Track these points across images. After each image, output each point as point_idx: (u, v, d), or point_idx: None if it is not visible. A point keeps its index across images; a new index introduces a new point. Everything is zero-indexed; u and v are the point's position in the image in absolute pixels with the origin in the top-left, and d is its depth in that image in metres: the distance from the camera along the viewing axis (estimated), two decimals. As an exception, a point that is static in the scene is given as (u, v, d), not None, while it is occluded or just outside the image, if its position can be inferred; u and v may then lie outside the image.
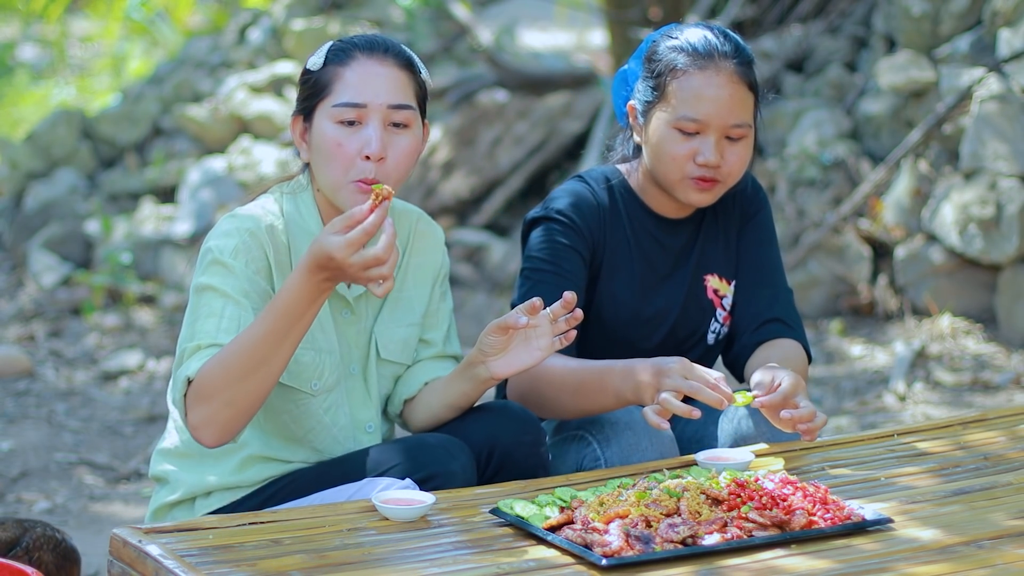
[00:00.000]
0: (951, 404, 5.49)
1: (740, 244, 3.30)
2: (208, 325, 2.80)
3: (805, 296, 6.46)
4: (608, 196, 3.23)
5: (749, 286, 3.28)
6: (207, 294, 2.83)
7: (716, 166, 3.10)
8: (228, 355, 2.73)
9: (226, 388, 2.72)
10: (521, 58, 8.93)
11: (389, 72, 2.90)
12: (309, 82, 2.92)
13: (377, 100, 2.87)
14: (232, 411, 2.75)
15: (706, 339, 3.28)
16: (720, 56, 3.09)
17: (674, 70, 3.10)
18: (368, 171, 2.86)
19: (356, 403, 3.01)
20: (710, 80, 3.08)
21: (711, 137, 3.09)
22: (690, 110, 3.08)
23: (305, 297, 2.70)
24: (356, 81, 2.88)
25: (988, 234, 6.04)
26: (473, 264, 7.48)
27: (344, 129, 2.87)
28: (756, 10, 7.82)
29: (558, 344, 2.88)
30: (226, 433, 2.77)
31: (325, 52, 2.93)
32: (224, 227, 2.89)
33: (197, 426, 2.75)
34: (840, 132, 6.95)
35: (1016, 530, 2.54)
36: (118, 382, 6.45)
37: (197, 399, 2.74)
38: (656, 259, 3.24)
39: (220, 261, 2.84)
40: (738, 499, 2.57)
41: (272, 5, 9.43)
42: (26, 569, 2.70)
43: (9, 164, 8.80)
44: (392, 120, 2.89)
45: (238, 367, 2.72)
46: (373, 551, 2.50)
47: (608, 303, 3.22)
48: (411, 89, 2.92)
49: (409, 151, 2.91)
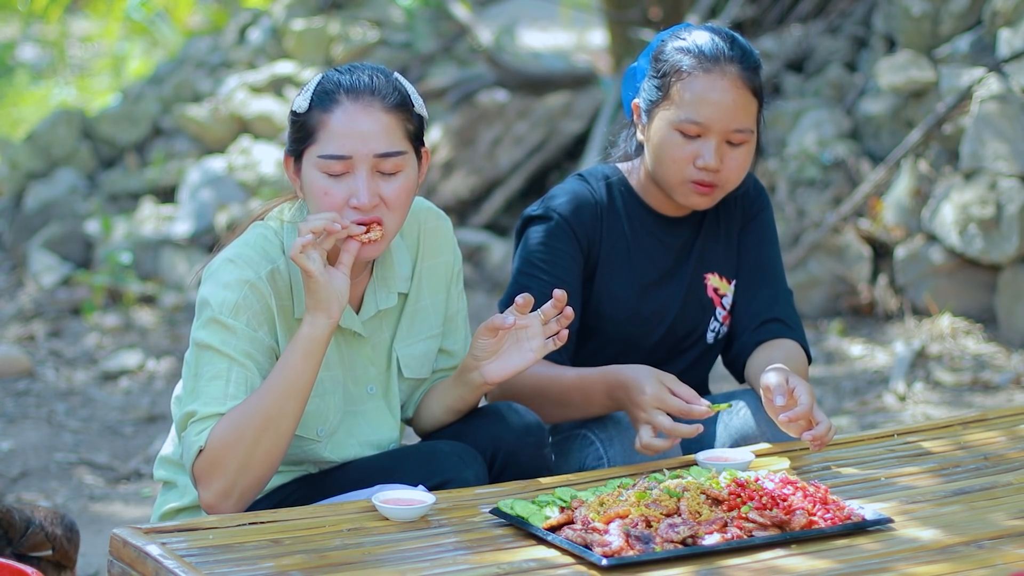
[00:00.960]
0: (951, 404, 5.49)
1: (741, 244, 3.30)
2: (214, 389, 2.74)
3: (805, 296, 6.46)
4: (607, 194, 3.23)
5: (749, 286, 3.28)
6: (209, 354, 2.76)
7: (716, 170, 3.09)
8: (238, 418, 2.70)
9: (239, 455, 2.70)
10: (521, 58, 8.93)
11: (375, 118, 2.77)
12: (296, 124, 2.83)
13: (363, 150, 2.77)
14: (247, 479, 2.72)
15: (705, 338, 3.28)
16: (726, 60, 3.09)
17: (679, 71, 3.09)
18: (358, 216, 2.78)
19: (379, 423, 2.97)
20: (714, 84, 3.08)
21: (712, 141, 3.08)
22: (693, 113, 3.08)
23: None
24: (341, 131, 2.76)
25: (988, 234, 6.04)
26: (473, 264, 7.48)
27: (330, 179, 2.78)
28: (756, 10, 7.82)
29: (551, 345, 2.86)
30: (243, 499, 2.74)
31: (310, 94, 2.81)
32: (224, 277, 2.80)
33: (212, 502, 2.72)
34: (840, 132, 6.95)
35: (1016, 530, 2.54)
36: (118, 382, 6.45)
37: (211, 469, 2.71)
38: (656, 257, 3.24)
39: (220, 321, 2.76)
40: (738, 499, 2.57)
41: (272, 5, 9.43)
42: (26, 569, 2.70)
43: (9, 164, 8.80)
44: (380, 168, 2.79)
45: (250, 430, 2.70)
46: (373, 551, 2.50)
47: (607, 301, 3.22)
48: (400, 132, 2.80)
49: (404, 191, 2.81)
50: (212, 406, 2.73)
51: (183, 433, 2.76)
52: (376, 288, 2.95)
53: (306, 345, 2.72)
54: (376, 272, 2.95)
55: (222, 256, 2.84)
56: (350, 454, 2.93)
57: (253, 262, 2.82)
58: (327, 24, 8.86)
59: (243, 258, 2.82)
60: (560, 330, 2.86)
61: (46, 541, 3.50)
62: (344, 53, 8.67)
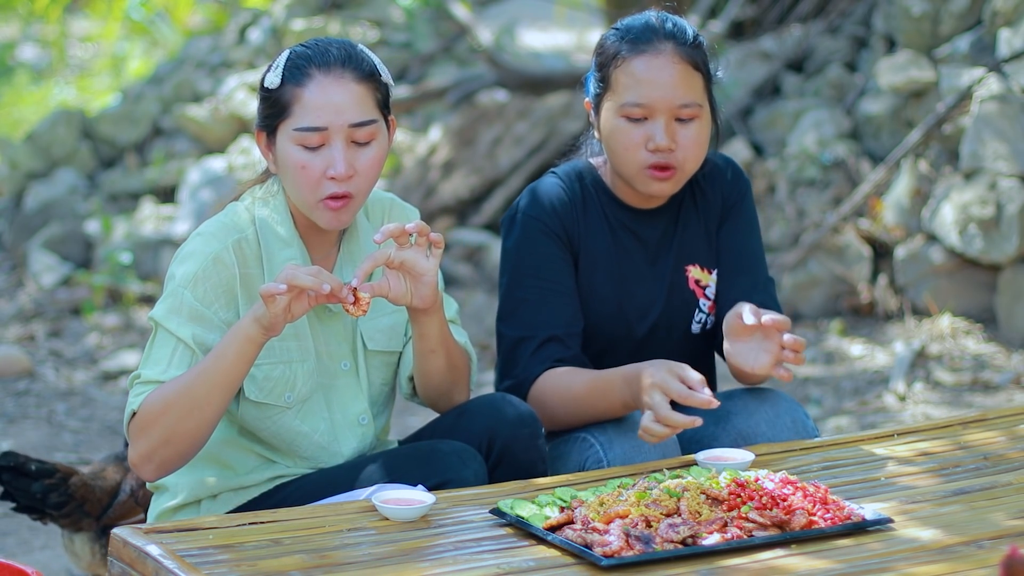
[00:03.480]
0: (951, 404, 5.49)
1: (721, 232, 3.28)
2: (159, 357, 2.84)
3: (805, 296, 6.46)
4: (581, 190, 3.23)
5: (728, 273, 3.26)
6: (161, 331, 2.86)
7: (669, 149, 3.07)
8: (169, 393, 2.78)
9: (163, 428, 2.77)
10: (521, 58, 8.93)
11: (347, 89, 2.85)
12: (268, 100, 2.90)
13: (338, 121, 2.85)
14: (170, 449, 2.80)
15: (690, 329, 3.27)
16: (659, 38, 3.08)
17: (615, 58, 3.10)
18: (335, 188, 2.86)
19: (349, 398, 3.01)
20: (650, 62, 3.07)
21: (660, 120, 3.07)
22: (633, 95, 3.07)
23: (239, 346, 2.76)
24: (315, 104, 2.84)
25: (988, 234, 6.04)
26: (473, 264, 7.48)
27: (307, 152, 2.86)
28: (756, 10, 7.82)
29: (436, 255, 2.82)
30: (163, 469, 2.83)
31: (281, 70, 2.88)
32: (190, 247, 2.90)
33: (135, 461, 2.82)
34: (840, 132, 6.95)
35: (1016, 530, 2.54)
36: (118, 382, 6.45)
37: (138, 433, 2.80)
38: (634, 252, 3.23)
39: (176, 293, 2.86)
40: (738, 499, 2.57)
41: (272, 5, 9.43)
42: (26, 569, 2.69)
43: (9, 164, 8.80)
44: (354, 138, 2.87)
45: (176, 407, 2.76)
46: (373, 551, 2.50)
47: (590, 298, 3.21)
48: (371, 101, 2.89)
49: (376, 160, 2.90)
50: (153, 372, 2.82)
51: (128, 393, 2.85)
52: (343, 264, 3.00)
53: (243, 345, 2.77)
54: (343, 248, 3.01)
55: (193, 233, 2.94)
56: (320, 427, 2.97)
57: (218, 235, 2.90)
58: (327, 24, 8.86)
59: (209, 231, 2.92)
60: (437, 238, 2.83)
61: (136, 507, 3.51)
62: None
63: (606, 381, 3.02)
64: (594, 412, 3.06)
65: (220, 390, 2.77)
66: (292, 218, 2.96)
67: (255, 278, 2.91)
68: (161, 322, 2.85)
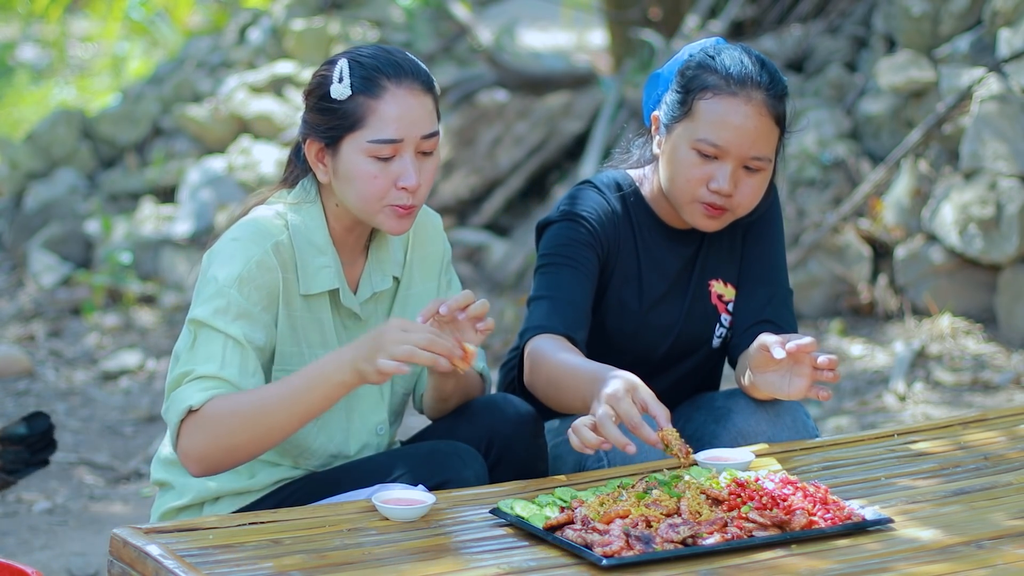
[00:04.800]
0: (951, 404, 5.49)
1: (744, 243, 3.27)
2: (211, 354, 2.79)
3: (805, 296, 6.46)
4: (620, 203, 3.20)
5: (747, 283, 3.25)
6: (205, 332, 2.81)
7: (728, 195, 3.05)
8: (245, 407, 2.74)
9: (232, 435, 2.74)
10: (521, 58, 8.93)
11: (419, 101, 2.85)
12: (336, 112, 2.85)
13: (412, 133, 2.84)
14: (229, 458, 2.78)
15: (712, 344, 3.27)
16: (753, 85, 3.04)
17: (704, 90, 3.05)
18: (404, 198, 2.86)
19: (369, 407, 3.00)
20: (738, 108, 3.03)
21: (728, 165, 3.04)
22: (712, 134, 3.03)
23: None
24: (392, 116, 2.83)
25: (988, 234, 6.04)
26: (473, 264, 7.48)
27: (379, 163, 2.84)
28: (756, 10, 7.82)
29: (483, 336, 2.83)
30: (212, 471, 2.80)
31: (349, 80, 2.85)
32: (228, 250, 2.85)
33: (188, 454, 2.77)
34: (840, 132, 6.95)
35: (1016, 530, 2.54)
36: (118, 382, 6.45)
37: (198, 430, 2.75)
38: (665, 268, 3.22)
39: (222, 293, 2.81)
40: (738, 499, 2.57)
41: (272, 5, 9.43)
42: (26, 569, 2.70)
43: (9, 164, 8.80)
44: (422, 149, 2.87)
45: (248, 425, 2.73)
46: (373, 551, 2.50)
47: (615, 312, 3.20)
48: (435, 111, 2.90)
49: (435, 170, 2.92)
50: (209, 368, 2.78)
51: (174, 391, 2.79)
52: (371, 271, 2.99)
53: (335, 388, 2.75)
54: (371, 255, 3.00)
55: (226, 237, 2.89)
56: (336, 437, 2.96)
57: (256, 239, 2.87)
58: (327, 24, 8.86)
59: (246, 236, 2.87)
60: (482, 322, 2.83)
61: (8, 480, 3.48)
62: (344, 53, 8.66)
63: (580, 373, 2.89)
64: (560, 397, 2.95)
65: (299, 421, 2.76)
66: (328, 228, 2.94)
67: (291, 283, 2.89)
68: (207, 321, 2.80)
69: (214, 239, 2.93)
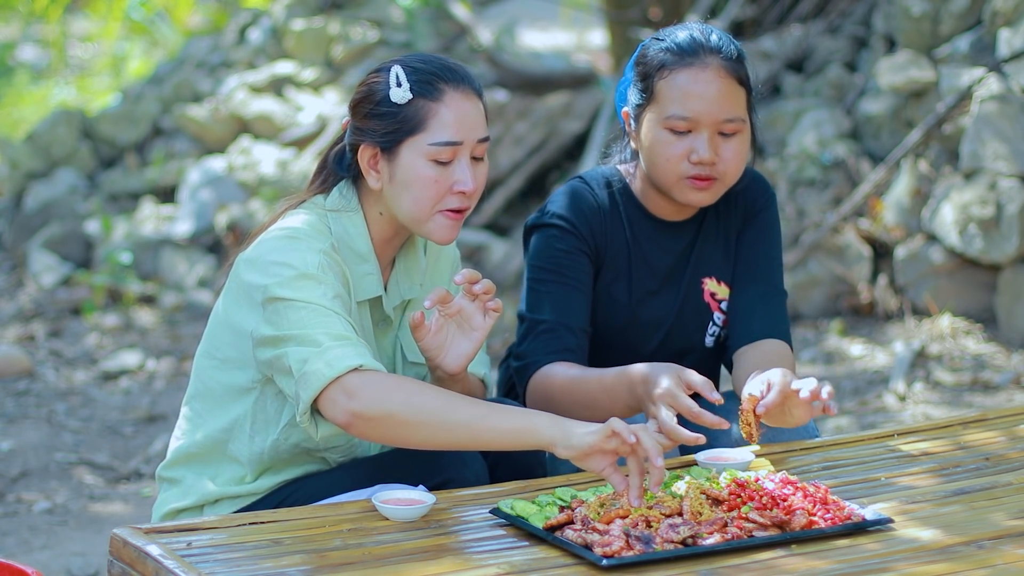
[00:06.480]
0: (951, 404, 5.49)
1: (739, 242, 3.27)
2: (324, 326, 2.71)
3: (805, 296, 6.46)
4: (608, 198, 3.21)
5: (742, 283, 3.24)
6: (297, 306, 2.72)
7: (712, 163, 3.07)
8: (425, 406, 2.66)
9: (396, 425, 2.67)
10: (521, 58, 8.93)
11: (475, 105, 2.88)
12: (396, 116, 2.85)
13: (471, 136, 2.86)
14: (377, 433, 2.70)
15: (704, 343, 3.26)
16: (705, 52, 3.08)
17: (661, 69, 3.08)
18: (459, 202, 2.87)
19: None
20: (696, 76, 3.06)
21: (704, 134, 3.07)
22: (679, 108, 3.06)
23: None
24: (453, 120, 2.84)
25: (988, 234, 6.04)
26: (473, 264, 7.48)
27: (438, 166, 2.85)
28: (756, 10, 7.82)
29: (491, 318, 2.86)
30: (355, 433, 2.70)
31: (408, 84, 2.85)
32: (290, 245, 2.80)
33: (358, 412, 2.65)
34: (840, 132, 6.95)
35: (1016, 530, 2.54)
36: (118, 382, 6.45)
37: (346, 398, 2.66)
38: (655, 263, 3.22)
39: (310, 275, 2.76)
40: (738, 499, 2.58)
41: (272, 5, 9.43)
42: (26, 569, 2.69)
43: (9, 164, 8.80)
44: (475, 154, 2.88)
45: (419, 426, 2.66)
46: (373, 551, 2.50)
47: (606, 307, 3.20)
48: (486, 116, 2.92)
49: (486, 176, 2.93)
50: (333, 332, 2.69)
51: (304, 368, 2.68)
52: (398, 279, 3.00)
53: (524, 442, 2.65)
54: (398, 263, 3.01)
55: (277, 235, 2.83)
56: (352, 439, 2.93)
57: (315, 235, 2.85)
58: (327, 24, 8.86)
59: (304, 232, 2.84)
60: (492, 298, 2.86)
61: None
62: (344, 53, 8.67)
63: (612, 382, 2.99)
64: (596, 410, 3.03)
65: (459, 445, 2.70)
66: (370, 237, 2.93)
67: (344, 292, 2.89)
68: (300, 297, 2.72)
69: (248, 242, 2.88)
